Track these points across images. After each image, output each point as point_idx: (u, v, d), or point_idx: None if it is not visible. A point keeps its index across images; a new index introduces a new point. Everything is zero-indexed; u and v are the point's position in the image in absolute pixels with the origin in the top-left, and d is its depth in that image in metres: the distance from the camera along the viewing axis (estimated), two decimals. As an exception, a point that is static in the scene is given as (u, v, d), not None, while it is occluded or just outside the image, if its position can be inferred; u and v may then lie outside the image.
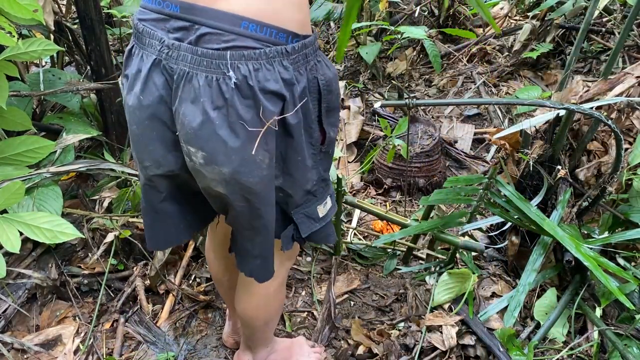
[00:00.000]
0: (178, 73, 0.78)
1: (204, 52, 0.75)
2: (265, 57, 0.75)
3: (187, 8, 0.76)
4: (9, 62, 1.50)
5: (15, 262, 1.71)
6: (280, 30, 0.76)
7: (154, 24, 0.81)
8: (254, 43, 0.75)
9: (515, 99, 2.52)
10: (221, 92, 0.76)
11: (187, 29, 0.77)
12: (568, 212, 1.70)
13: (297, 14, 0.79)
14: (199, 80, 0.76)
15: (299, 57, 0.79)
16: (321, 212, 1.01)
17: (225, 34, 0.74)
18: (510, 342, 1.55)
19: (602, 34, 3.10)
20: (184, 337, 1.63)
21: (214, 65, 0.75)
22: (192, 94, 0.77)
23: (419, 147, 2.31)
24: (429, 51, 2.97)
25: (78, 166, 1.68)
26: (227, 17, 0.74)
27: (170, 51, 0.78)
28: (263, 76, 0.76)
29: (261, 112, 0.77)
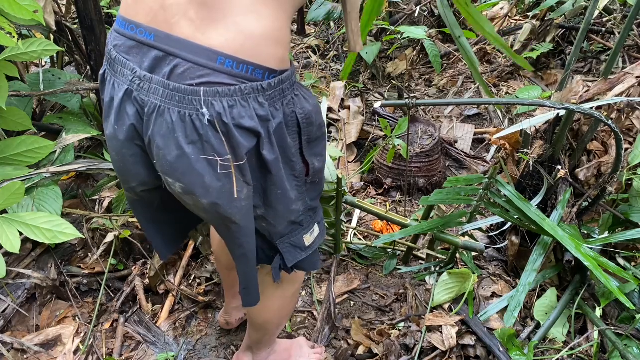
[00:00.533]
0: (149, 106, 0.76)
1: (176, 87, 0.72)
2: (240, 94, 0.73)
3: (162, 37, 0.73)
4: (9, 62, 1.50)
5: (15, 262, 1.71)
6: (257, 66, 0.74)
7: (127, 51, 0.78)
8: (229, 79, 0.73)
9: (515, 99, 2.52)
10: (195, 127, 0.74)
11: (161, 60, 0.74)
12: (568, 212, 1.70)
13: (276, 50, 0.76)
14: (171, 114, 0.74)
15: (275, 92, 0.77)
16: (307, 241, 0.99)
17: (200, 69, 0.72)
18: (511, 342, 1.55)
19: (602, 34, 3.10)
20: (184, 337, 1.63)
21: (187, 101, 0.73)
22: (165, 127, 0.76)
23: (419, 147, 2.31)
24: (429, 51, 2.97)
25: (78, 166, 1.68)
26: (204, 51, 0.71)
27: (142, 83, 0.76)
28: (238, 113, 0.74)
29: (236, 148, 0.76)
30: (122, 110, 0.80)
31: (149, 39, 0.74)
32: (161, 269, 1.76)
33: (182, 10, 0.72)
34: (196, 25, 0.71)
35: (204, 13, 0.71)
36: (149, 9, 0.75)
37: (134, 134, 0.82)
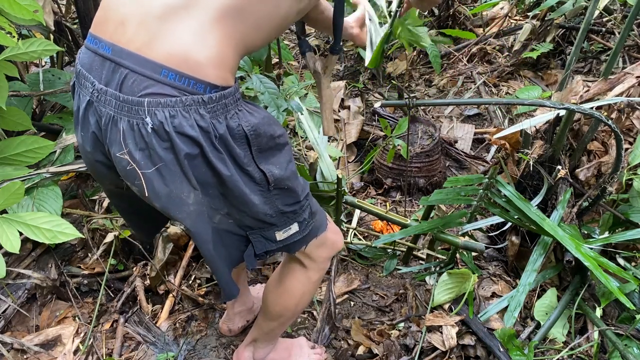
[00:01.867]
0: (105, 116, 0.83)
1: (125, 98, 0.80)
2: (181, 105, 0.79)
3: (117, 51, 0.81)
4: (9, 62, 1.50)
5: (15, 262, 1.71)
6: (198, 80, 0.80)
7: (89, 65, 0.86)
8: (172, 91, 0.79)
9: (515, 99, 2.52)
10: (142, 135, 0.81)
11: (114, 71, 0.81)
12: (568, 212, 1.70)
13: (218, 71, 0.82)
14: (122, 124, 0.81)
15: (217, 106, 0.82)
16: (279, 236, 1.04)
17: (146, 80, 0.79)
18: (511, 342, 1.55)
19: (602, 34, 3.10)
20: (184, 337, 1.63)
21: (134, 111, 0.80)
22: (118, 136, 0.83)
23: (419, 147, 2.31)
24: (428, 51, 2.98)
25: (78, 166, 1.68)
26: (150, 64, 0.78)
27: (99, 95, 0.83)
28: (179, 122, 0.80)
29: (178, 154, 0.82)
30: (86, 120, 0.88)
31: (107, 52, 0.82)
32: (161, 270, 1.76)
33: (136, 27, 0.80)
34: (146, 40, 0.79)
35: (155, 30, 0.79)
36: (112, 26, 0.83)
37: (96, 142, 0.90)
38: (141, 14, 0.80)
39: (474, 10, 3.32)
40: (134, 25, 0.80)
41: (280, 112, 1.61)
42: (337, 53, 1.21)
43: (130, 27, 0.80)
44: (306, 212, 1.07)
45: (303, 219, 1.07)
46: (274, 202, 0.98)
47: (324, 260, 1.23)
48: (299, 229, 1.07)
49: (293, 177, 1.00)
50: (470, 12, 3.57)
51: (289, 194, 1.01)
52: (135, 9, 0.80)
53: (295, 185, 1.01)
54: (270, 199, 0.97)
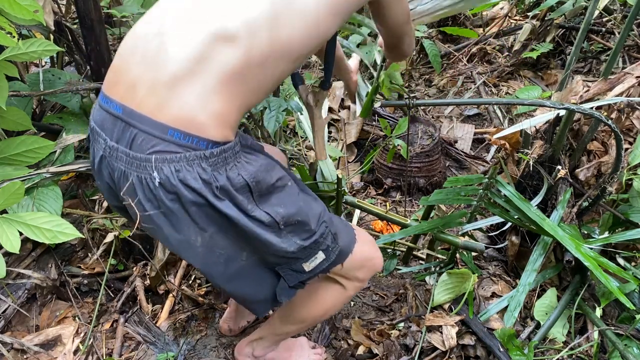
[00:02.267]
0: (117, 170, 0.92)
1: (135, 155, 0.87)
2: (185, 160, 0.86)
3: (128, 112, 0.88)
4: (9, 62, 1.50)
5: (15, 262, 1.71)
6: (200, 138, 0.87)
7: (101, 122, 0.93)
8: (177, 148, 0.86)
9: (515, 99, 2.52)
10: (150, 188, 0.89)
11: (124, 130, 0.89)
12: (568, 212, 1.70)
13: (220, 129, 0.89)
14: (132, 178, 0.89)
15: (217, 160, 0.89)
16: (307, 267, 1.07)
17: (154, 139, 0.86)
18: (511, 342, 1.55)
19: (602, 34, 3.10)
20: (184, 337, 1.63)
21: (142, 167, 0.88)
22: (130, 188, 0.91)
23: (419, 147, 2.31)
24: (428, 51, 2.98)
25: (78, 166, 1.68)
26: (158, 125, 0.86)
27: (111, 151, 0.91)
28: (183, 176, 0.87)
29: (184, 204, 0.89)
30: (100, 172, 0.97)
31: (118, 112, 0.90)
32: (161, 269, 1.76)
33: (146, 92, 0.86)
34: (156, 104, 0.86)
35: (164, 95, 0.85)
36: (123, 88, 0.90)
37: (111, 191, 0.99)
38: (151, 80, 0.86)
39: (473, 10, 3.32)
40: (144, 90, 0.86)
41: (280, 112, 1.61)
42: (327, 89, 1.30)
43: (140, 91, 0.87)
44: (328, 239, 1.09)
45: (326, 247, 1.08)
46: (290, 239, 1.01)
47: (362, 280, 1.25)
48: (325, 257, 1.09)
49: (302, 211, 1.02)
50: (470, 12, 3.57)
51: (302, 228, 1.03)
52: (145, 75, 0.87)
53: (307, 218, 1.03)
54: (286, 236, 1.00)
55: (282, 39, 0.89)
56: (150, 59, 0.86)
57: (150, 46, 0.87)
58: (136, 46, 0.90)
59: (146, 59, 0.87)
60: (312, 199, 1.10)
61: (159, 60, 0.86)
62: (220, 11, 0.87)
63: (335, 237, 1.11)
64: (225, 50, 0.85)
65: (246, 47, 0.86)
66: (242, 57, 0.86)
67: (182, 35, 0.86)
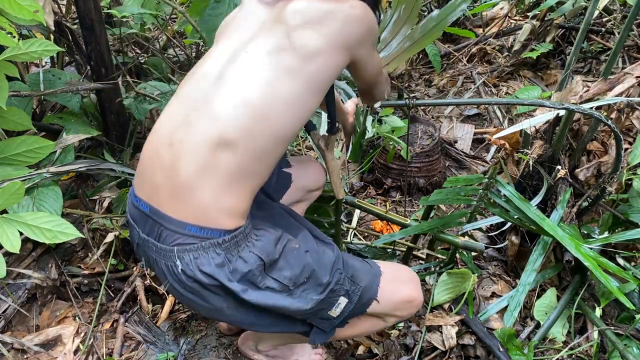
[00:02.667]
0: (150, 257, 1.07)
1: (161, 247, 1.02)
2: (201, 249, 1.00)
3: (153, 210, 1.03)
4: (9, 62, 1.50)
5: (15, 262, 1.71)
6: (214, 229, 1.00)
7: (135, 217, 1.09)
8: (195, 239, 1.00)
9: (515, 99, 2.52)
10: (175, 273, 1.03)
11: (153, 226, 1.04)
12: (568, 212, 1.70)
13: (231, 219, 1.02)
14: (161, 265, 1.04)
15: (229, 245, 1.01)
16: (334, 313, 1.15)
17: (176, 234, 1.01)
18: (510, 342, 1.55)
19: (602, 34, 3.10)
20: (184, 337, 1.63)
21: (168, 257, 1.02)
22: (160, 273, 1.07)
23: (419, 147, 2.31)
24: (428, 51, 2.98)
25: (78, 166, 1.68)
26: (178, 223, 1.00)
27: (143, 242, 1.06)
28: (200, 262, 1.00)
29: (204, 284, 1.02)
30: (139, 253, 1.14)
31: (145, 210, 1.05)
32: (161, 269, 1.76)
33: (168, 196, 1.02)
34: (175, 206, 1.01)
35: (181, 198, 1.00)
36: (148, 190, 1.05)
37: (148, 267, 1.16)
38: (170, 186, 1.01)
39: (473, 11, 3.32)
40: (165, 193, 1.02)
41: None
42: (335, 133, 1.40)
43: (162, 194, 1.02)
44: (345, 284, 1.14)
45: (346, 291, 1.14)
46: (305, 296, 1.08)
47: (403, 317, 1.28)
48: (348, 300, 1.14)
49: (309, 268, 1.09)
50: (470, 12, 3.58)
51: (314, 283, 1.09)
52: (165, 182, 1.02)
53: (317, 273, 1.09)
54: (300, 295, 1.08)
55: (275, 130, 1.01)
56: (167, 169, 1.01)
57: (165, 157, 1.02)
58: (154, 156, 1.05)
59: (164, 169, 1.02)
60: (323, 249, 1.16)
61: (175, 170, 1.00)
62: (218, 120, 0.99)
63: (354, 279, 1.16)
64: (227, 156, 0.98)
65: (244, 148, 0.99)
66: (242, 158, 0.99)
67: (189, 150, 0.99)
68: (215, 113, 0.99)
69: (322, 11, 1.03)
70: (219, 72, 1.03)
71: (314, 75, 1.02)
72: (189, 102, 1.04)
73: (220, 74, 1.03)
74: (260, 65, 1.00)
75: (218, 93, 1.01)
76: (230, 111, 0.99)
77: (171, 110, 1.07)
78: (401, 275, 1.26)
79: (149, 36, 2.92)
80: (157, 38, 2.98)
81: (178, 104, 1.06)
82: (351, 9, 1.04)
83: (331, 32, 1.02)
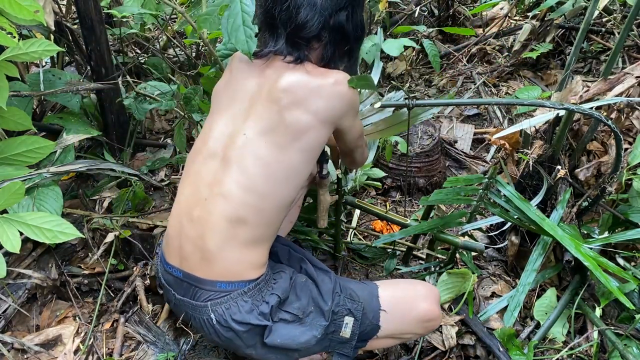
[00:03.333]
0: (187, 313, 1.22)
1: (196, 304, 1.18)
2: (231, 300, 1.16)
3: (186, 275, 1.20)
4: (10, 63, 1.50)
5: (15, 262, 1.71)
6: (240, 282, 1.17)
7: (169, 281, 1.25)
8: (224, 293, 1.16)
9: (515, 99, 2.52)
10: (210, 325, 1.18)
11: (187, 288, 1.20)
12: (568, 212, 1.70)
13: (253, 270, 1.19)
14: (198, 319, 1.20)
15: (254, 291, 1.18)
16: (346, 334, 1.24)
17: (208, 292, 1.17)
18: (510, 342, 1.55)
19: (602, 34, 3.10)
20: (184, 336, 1.63)
21: (203, 312, 1.18)
22: (198, 325, 1.22)
23: (419, 147, 2.31)
24: (428, 51, 2.97)
25: (78, 166, 1.68)
26: (209, 282, 1.17)
27: (179, 302, 1.22)
28: (232, 311, 1.16)
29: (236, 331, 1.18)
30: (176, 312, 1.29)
31: (179, 275, 1.21)
32: (161, 269, 1.76)
33: (195, 260, 1.18)
34: (206, 269, 1.17)
35: (211, 262, 1.16)
36: (179, 258, 1.22)
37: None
38: (198, 256, 1.17)
39: (473, 11, 3.32)
40: (196, 260, 1.18)
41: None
42: (325, 177, 1.52)
43: (192, 260, 1.18)
44: (346, 303, 1.25)
45: (348, 310, 1.24)
46: (314, 324, 1.21)
47: (423, 334, 1.42)
48: (354, 318, 1.24)
49: (314, 297, 1.24)
50: (470, 12, 3.58)
51: (319, 310, 1.22)
52: (194, 250, 1.18)
53: (319, 301, 1.23)
54: (310, 323, 1.21)
55: (278, 202, 1.17)
56: (194, 240, 1.17)
57: (190, 231, 1.18)
58: (180, 230, 1.21)
59: (191, 240, 1.18)
60: (322, 278, 1.28)
61: (202, 241, 1.16)
62: (231, 201, 1.14)
63: (353, 297, 1.26)
64: (243, 229, 1.15)
65: (256, 222, 1.16)
66: (255, 228, 1.16)
67: (211, 226, 1.15)
68: (227, 194, 1.15)
69: (309, 89, 1.13)
70: (223, 152, 1.18)
71: (306, 147, 1.15)
72: (201, 183, 1.19)
73: (224, 155, 1.17)
74: (257, 147, 1.14)
75: (226, 174, 1.16)
76: (240, 194, 1.14)
77: (186, 190, 1.23)
78: (413, 289, 1.33)
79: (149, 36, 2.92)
80: (157, 38, 2.98)
81: (192, 184, 1.22)
82: (335, 86, 1.14)
83: (319, 109, 1.14)
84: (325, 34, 1.17)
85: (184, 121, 2.06)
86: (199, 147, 1.24)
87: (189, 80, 2.49)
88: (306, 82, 1.13)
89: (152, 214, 1.93)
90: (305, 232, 1.88)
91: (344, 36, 1.20)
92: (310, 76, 1.14)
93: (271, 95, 1.14)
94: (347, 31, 1.19)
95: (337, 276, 1.32)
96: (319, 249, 1.95)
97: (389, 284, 1.36)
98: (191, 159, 1.25)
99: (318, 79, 1.14)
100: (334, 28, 1.17)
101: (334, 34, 1.18)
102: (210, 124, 1.24)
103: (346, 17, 1.17)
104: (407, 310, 1.27)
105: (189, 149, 1.68)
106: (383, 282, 1.35)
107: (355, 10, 1.19)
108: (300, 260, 1.37)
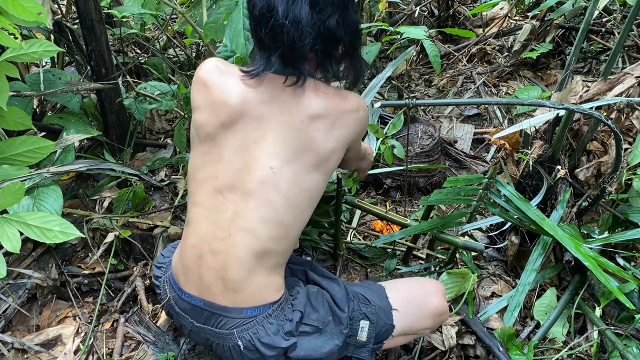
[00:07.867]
0: (208, 339, 1.22)
1: (221, 332, 1.17)
2: (258, 324, 1.16)
3: (208, 304, 1.18)
4: (10, 63, 1.50)
5: (15, 262, 1.71)
6: (264, 305, 1.17)
7: (185, 309, 1.22)
8: (251, 319, 1.16)
9: (515, 99, 2.52)
10: (237, 351, 1.17)
11: (210, 317, 1.18)
12: (568, 212, 1.70)
13: (275, 292, 1.19)
14: (222, 345, 1.18)
15: (277, 312, 1.19)
16: (363, 337, 1.25)
17: (234, 320, 1.16)
18: (510, 342, 1.55)
19: (602, 34, 3.10)
20: (184, 337, 1.63)
21: (229, 339, 1.17)
22: (222, 350, 1.21)
23: (419, 147, 2.31)
24: (428, 51, 2.97)
25: (78, 166, 1.68)
26: (234, 310, 1.16)
27: (199, 329, 1.21)
28: (259, 335, 1.16)
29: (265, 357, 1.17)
30: (192, 336, 1.28)
31: (200, 304, 1.19)
32: (161, 269, 1.76)
33: (219, 289, 1.16)
34: (231, 298, 1.16)
35: (235, 291, 1.15)
36: (195, 285, 1.20)
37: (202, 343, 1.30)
38: (223, 284, 1.15)
39: (473, 11, 3.32)
40: (219, 290, 1.16)
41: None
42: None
43: (214, 290, 1.16)
44: (361, 307, 1.26)
45: (363, 314, 1.25)
46: (334, 333, 1.22)
47: (435, 328, 1.38)
48: (369, 321, 1.25)
49: (331, 306, 1.24)
50: (470, 13, 3.58)
51: (337, 319, 1.23)
52: (217, 281, 1.16)
53: (336, 310, 1.24)
54: (331, 332, 1.22)
55: (301, 225, 1.19)
56: (218, 271, 1.15)
57: (213, 263, 1.16)
58: (201, 260, 1.17)
59: (213, 271, 1.16)
60: (332, 286, 1.29)
61: (226, 273, 1.14)
62: (257, 237, 1.13)
63: (366, 299, 1.27)
64: (268, 259, 1.16)
65: (281, 250, 1.17)
66: (279, 256, 1.18)
67: (237, 260, 1.13)
68: (252, 229, 1.12)
69: (333, 116, 1.13)
70: (242, 185, 1.13)
71: (329, 170, 1.18)
72: (220, 217, 1.15)
73: (244, 188, 1.13)
74: (282, 178, 1.11)
75: (249, 208, 1.12)
76: (267, 228, 1.13)
77: (203, 225, 1.18)
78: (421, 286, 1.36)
79: (149, 36, 2.92)
80: (157, 38, 2.99)
81: (208, 218, 1.17)
82: (357, 112, 1.17)
83: (343, 136, 1.16)
84: (318, 44, 1.08)
85: (184, 121, 2.06)
86: (205, 178, 1.16)
87: (189, 80, 2.49)
88: (330, 105, 1.12)
89: (152, 214, 1.93)
90: (305, 232, 1.88)
91: (339, 41, 1.13)
92: (331, 100, 1.13)
93: (293, 122, 1.11)
94: (341, 36, 1.11)
95: (344, 282, 1.33)
96: (319, 249, 1.95)
97: (394, 283, 1.37)
98: (198, 189, 1.18)
99: (340, 105, 1.14)
100: (327, 37, 1.09)
101: (327, 43, 1.10)
102: (212, 152, 1.16)
103: (337, 22, 1.08)
104: (420, 307, 1.30)
105: (189, 149, 1.68)
106: (388, 283, 1.36)
107: (344, 12, 1.09)
108: (303, 271, 1.38)
